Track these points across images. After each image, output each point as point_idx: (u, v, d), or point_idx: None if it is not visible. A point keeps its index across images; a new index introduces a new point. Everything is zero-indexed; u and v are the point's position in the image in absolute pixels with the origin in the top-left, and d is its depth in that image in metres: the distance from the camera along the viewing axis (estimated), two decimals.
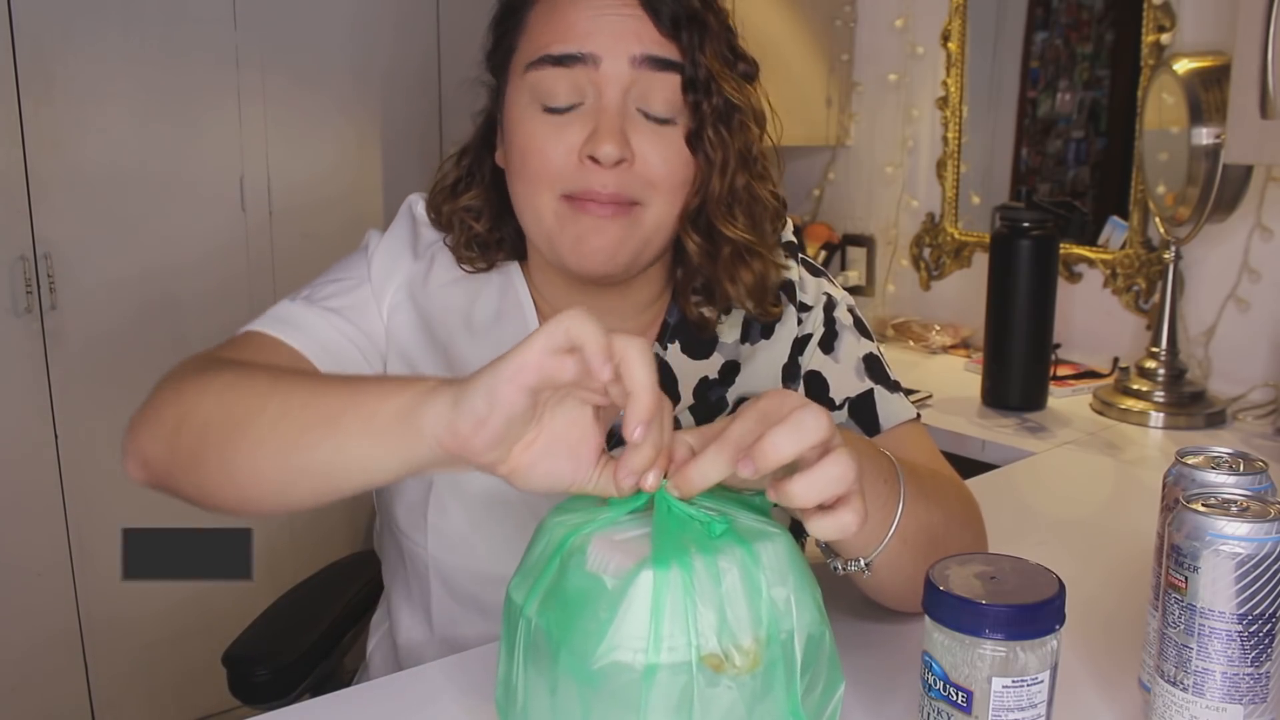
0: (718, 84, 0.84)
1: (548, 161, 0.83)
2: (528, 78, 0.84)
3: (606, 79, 0.82)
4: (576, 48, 0.82)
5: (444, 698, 0.75)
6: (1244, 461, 0.71)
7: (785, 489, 0.58)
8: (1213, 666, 0.61)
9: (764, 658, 0.56)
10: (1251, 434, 1.65)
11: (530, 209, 0.86)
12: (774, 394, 0.61)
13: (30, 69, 1.96)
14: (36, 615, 2.07)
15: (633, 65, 0.82)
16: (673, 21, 0.83)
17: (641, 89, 0.83)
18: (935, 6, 2.19)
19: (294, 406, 0.65)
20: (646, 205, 0.84)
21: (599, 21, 0.82)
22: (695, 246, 0.89)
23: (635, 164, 0.83)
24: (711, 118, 0.84)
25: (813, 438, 0.57)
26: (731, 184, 0.87)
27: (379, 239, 0.94)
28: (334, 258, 0.98)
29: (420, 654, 0.93)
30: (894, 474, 0.72)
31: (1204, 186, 1.64)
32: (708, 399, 0.94)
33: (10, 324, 2.01)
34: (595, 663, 0.55)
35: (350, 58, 2.36)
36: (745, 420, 0.59)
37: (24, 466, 2.05)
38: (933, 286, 2.30)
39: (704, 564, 0.56)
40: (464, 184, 0.94)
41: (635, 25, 0.83)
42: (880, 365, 0.97)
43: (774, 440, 0.57)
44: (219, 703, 2.19)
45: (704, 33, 0.84)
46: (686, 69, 0.83)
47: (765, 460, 0.57)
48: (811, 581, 0.60)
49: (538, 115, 0.84)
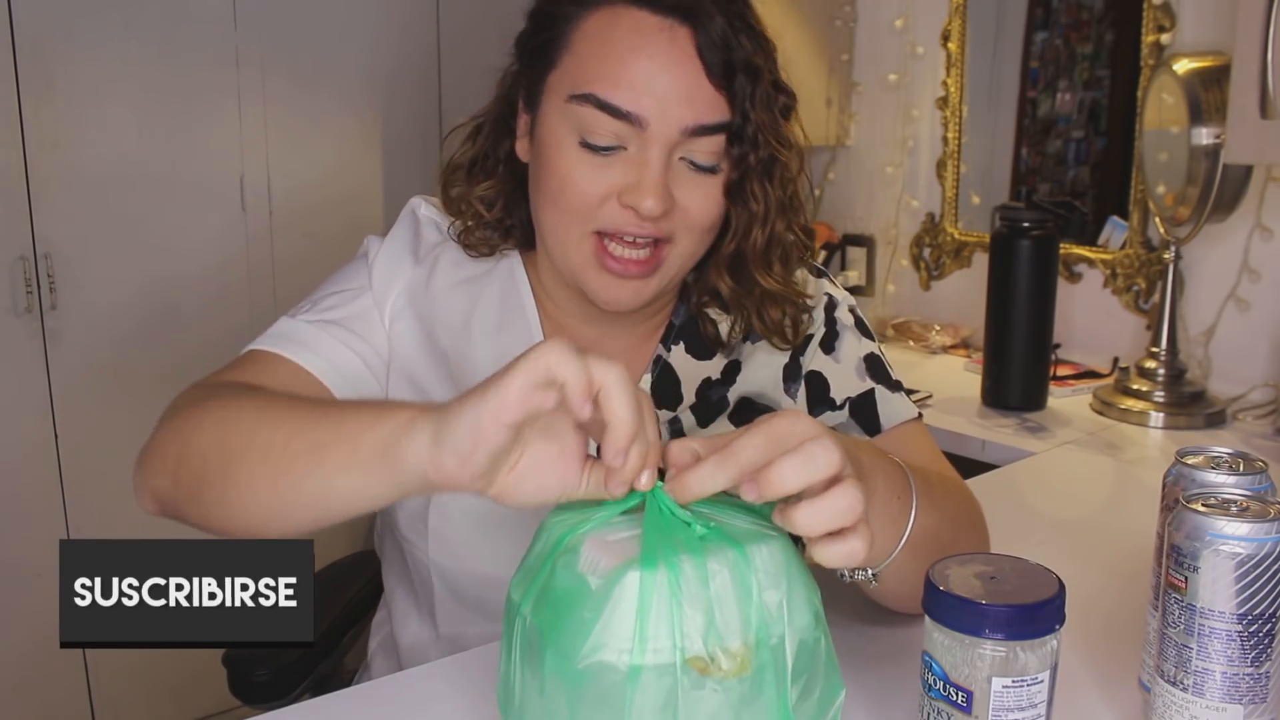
0: (765, 137, 0.83)
1: (585, 199, 0.82)
2: (570, 108, 0.81)
3: (653, 140, 0.80)
4: (627, 105, 0.79)
5: (444, 698, 0.75)
6: (1244, 461, 0.71)
7: (791, 516, 0.57)
8: (1213, 666, 0.61)
9: (753, 662, 0.56)
10: (1251, 434, 1.65)
11: (558, 239, 0.86)
12: (787, 417, 0.60)
13: (30, 69, 1.96)
14: (36, 615, 2.06)
15: (683, 133, 0.81)
16: (725, 72, 0.80)
17: (688, 147, 0.82)
18: (935, 6, 2.18)
19: (280, 440, 0.66)
20: (675, 243, 0.84)
21: (652, 80, 0.79)
22: (728, 289, 0.89)
23: (674, 211, 0.82)
24: (756, 170, 0.84)
25: (822, 472, 0.56)
26: (770, 233, 0.87)
27: (379, 245, 0.93)
28: (335, 257, 0.98)
29: (424, 653, 0.93)
30: (907, 489, 0.70)
31: (1204, 186, 1.64)
32: (709, 398, 0.94)
33: (10, 324, 2.01)
34: (579, 663, 0.55)
35: (350, 58, 2.35)
36: (754, 439, 0.58)
37: (24, 466, 2.05)
38: (933, 286, 2.30)
39: (693, 565, 0.56)
40: (479, 167, 0.93)
41: (689, 86, 0.79)
42: (881, 365, 0.97)
43: (781, 471, 0.56)
44: (219, 703, 2.19)
45: (756, 83, 0.82)
46: (734, 122, 0.82)
47: (770, 489, 0.56)
48: (809, 586, 0.60)
49: (577, 149, 0.81)
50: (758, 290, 0.89)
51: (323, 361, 0.85)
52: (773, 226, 0.87)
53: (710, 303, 0.94)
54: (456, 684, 0.77)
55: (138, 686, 2.20)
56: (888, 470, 0.70)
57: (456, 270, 0.93)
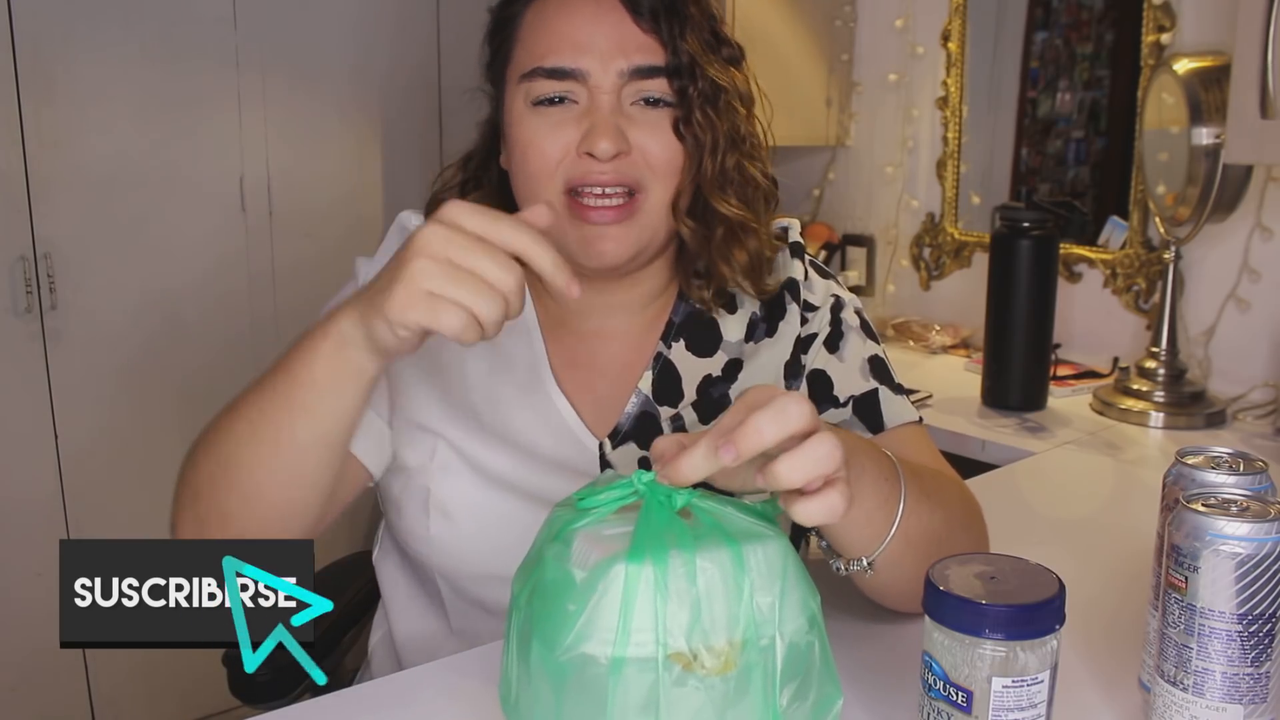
0: (701, 68, 0.87)
1: (546, 156, 0.86)
2: (522, 87, 0.87)
3: (597, 89, 0.86)
4: (567, 63, 0.85)
5: (444, 697, 0.75)
6: (1244, 461, 0.71)
7: (771, 469, 0.58)
8: (1213, 666, 0.61)
9: (739, 661, 0.56)
10: (1251, 434, 1.65)
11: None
12: (760, 387, 0.62)
13: (30, 69, 1.96)
14: (36, 615, 2.07)
15: (621, 77, 0.85)
16: (651, 15, 0.86)
17: (631, 89, 0.86)
18: (935, 6, 2.19)
19: (255, 419, 0.73)
20: (648, 191, 0.87)
21: (586, 32, 0.85)
22: (689, 231, 0.90)
23: (632, 153, 0.85)
24: (698, 101, 0.87)
25: (795, 424, 0.58)
26: (722, 164, 0.89)
27: (369, 265, 0.94)
28: (334, 258, 0.98)
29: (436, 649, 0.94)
30: (895, 473, 0.72)
31: (1204, 186, 1.64)
32: (710, 396, 0.94)
33: (10, 324, 2.01)
34: (563, 654, 0.55)
35: (350, 59, 2.36)
36: (733, 412, 0.60)
37: (24, 466, 2.05)
38: (933, 286, 2.30)
39: (681, 561, 0.56)
40: (471, 185, 0.96)
41: (619, 33, 0.86)
42: (885, 367, 0.97)
43: (755, 423, 0.57)
44: (219, 703, 2.19)
45: (684, 22, 0.87)
46: (669, 59, 0.86)
47: (746, 442, 0.57)
48: (806, 590, 0.60)
49: (530, 112, 0.87)
50: (720, 229, 0.90)
51: None
52: (723, 157, 0.88)
53: (704, 286, 0.94)
54: (457, 683, 0.77)
55: (138, 686, 2.20)
56: (874, 455, 0.71)
57: None
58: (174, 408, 2.16)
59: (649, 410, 0.93)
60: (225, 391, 0.80)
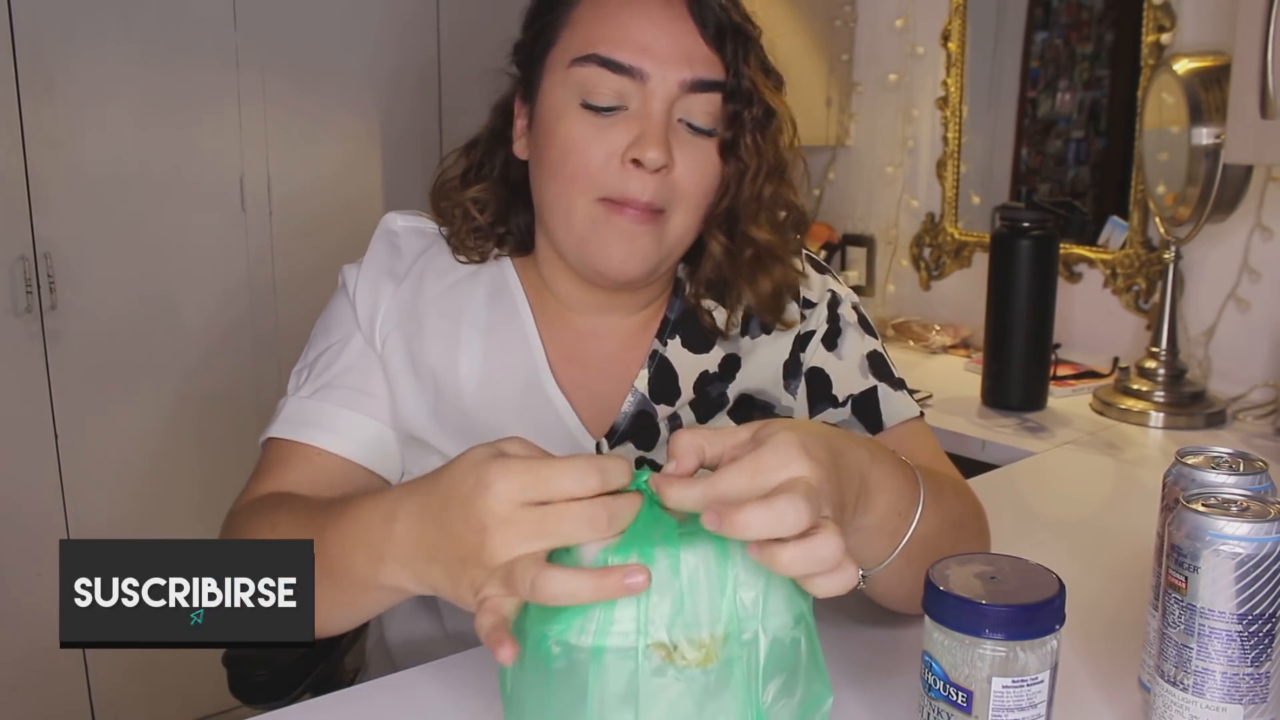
0: (759, 94, 0.85)
1: (588, 162, 0.83)
2: (572, 73, 0.83)
3: (654, 94, 0.83)
4: (629, 59, 0.82)
5: (444, 697, 0.75)
6: (1244, 461, 0.71)
7: (775, 555, 0.55)
8: (1213, 666, 0.61)
9: (720, 655, 0.56)
10: (1251, 434, 1.65)
11: (561, 209, 0.86)
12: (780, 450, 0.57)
13: (30, 69, 1.96)
14: (36, 615, 2.06)
15: (681, 88, 0.83)
16: (718, 32, 0.84)
17: (686, 105, 0.84)
18: (935, 6, 2.19)
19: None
20: (672, 214, 0.85)
21: (651, 34, 0.82)
22: (719, 246, 0.90)
23: (672, 172, 0.84)
24: (750, 126, 0.86)
25: (789, 531, 0.54)
26: (760, 190, 0.88)
27: (356, 273, 0.93)
28: (334, 258, 0.98)
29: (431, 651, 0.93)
30: (913, 504, 0.69)
31: (1204, 186, 1.64)
32: (708, 394, 0.94)
33: (10, 324, 2.01)
34: (547, 642, 0.56)
35: (351, 58, 2.35)
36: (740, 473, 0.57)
37: (24, 466, 2.05)
38: (933, 286, 2.30)
39: (665, 554, 0.56)
40: (474, 175, 0.94)
41: (686, 44, 0.83)
42: (884, 363, 0.97)
43: (746, 519, 0.54)
44: (219, 703, 2.19)
45: (747, 43, 0.86)
46: (729, 81, 0.84)
47: (734, 532, 0.54)
48: (793, 587, 0.59)
49: (579, 113, 0.83)
50: (748, 250, 0.90)
51: (338, 437, 0.87)
52: (763, 184, 0.88)
53: (705, 294, 0.94)
54: (456, 683, 0.77)
55: (138, 686, 2.20)
56: (898, 485, 0.68)
57: (445, 277, 0.93)
58: (174, 408, 2.16)
59: (646, 409, 0.92)
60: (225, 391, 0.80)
